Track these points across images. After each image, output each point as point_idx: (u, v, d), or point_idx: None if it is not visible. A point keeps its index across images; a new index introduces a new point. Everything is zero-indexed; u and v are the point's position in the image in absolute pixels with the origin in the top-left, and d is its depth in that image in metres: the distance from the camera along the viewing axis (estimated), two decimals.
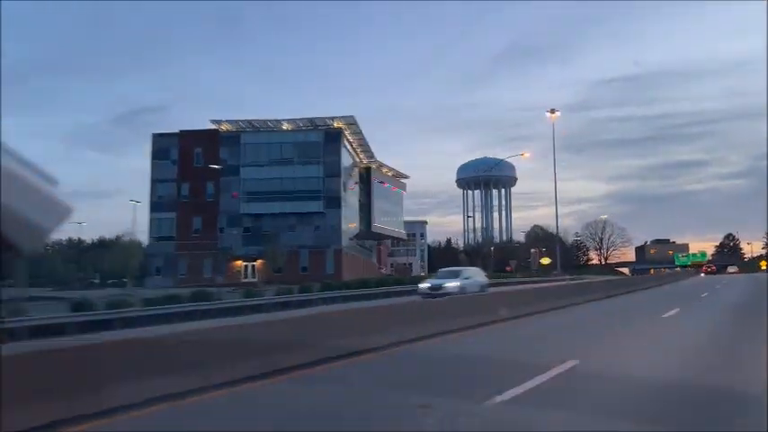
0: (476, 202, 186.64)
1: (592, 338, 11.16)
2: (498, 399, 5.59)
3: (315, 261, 60.05)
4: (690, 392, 6.19)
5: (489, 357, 8.80)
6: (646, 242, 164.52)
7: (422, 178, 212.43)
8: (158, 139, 63.06)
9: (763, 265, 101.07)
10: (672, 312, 15.89)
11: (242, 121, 62.40)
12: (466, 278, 24.82)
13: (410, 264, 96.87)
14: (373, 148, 71.72)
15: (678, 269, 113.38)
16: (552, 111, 65.49)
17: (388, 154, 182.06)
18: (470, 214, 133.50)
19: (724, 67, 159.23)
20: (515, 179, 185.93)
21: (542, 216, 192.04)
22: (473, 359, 8.66)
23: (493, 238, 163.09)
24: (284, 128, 62.49)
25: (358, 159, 72.35)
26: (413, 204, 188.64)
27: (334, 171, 61.46)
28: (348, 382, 7.28)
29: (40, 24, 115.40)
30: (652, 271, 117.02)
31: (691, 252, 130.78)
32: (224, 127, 62.81)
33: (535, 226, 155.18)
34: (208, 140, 62.16)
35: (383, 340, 9.43)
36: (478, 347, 10.28)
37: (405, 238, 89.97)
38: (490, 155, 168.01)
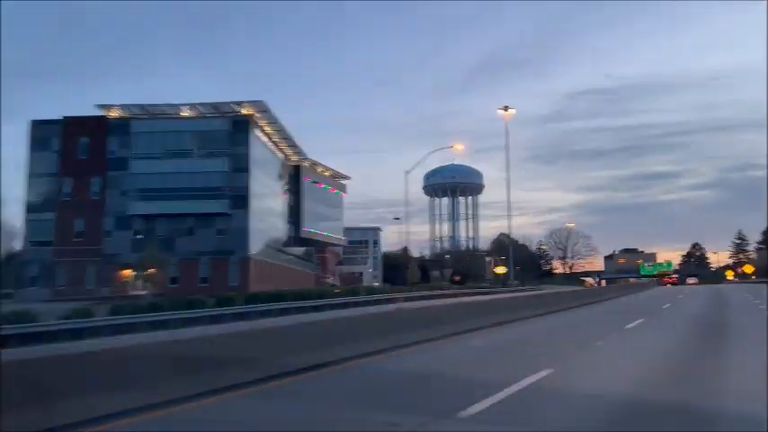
0: (442, 210, 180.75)
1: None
2: (464, 414, 5.70)
3: (217, 270, 51.23)
4: (646, 408, 6.32)
5: (445, 372, 8.84)
6: (614, 251, 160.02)
7: (395, 187, 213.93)
8: (38, 126, 53.72)
9: (729, 274, 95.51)
10: (632, 325, 15.82)
11: (134, 105, 53.47)
12: None
13: (360, 273, 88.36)
14: (346, 157, 63.50)
15: (643, 279, 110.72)
16: (506, 108, 58.68)
17: (358, 161, 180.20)
18: (398, 216, 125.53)
19: (694, 81, 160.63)
20: (482, 186, 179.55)
21: (515, 225, 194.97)
22: (430, 375, 8.69)
23: (459, 246, 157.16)
24: (184, 115, 53.70)
25: (281, 155, 63.85)
26: (388, 213, 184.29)
27: (241, 165, 52.80)
28: (308, 399, 7.12)
29: (13, 26, 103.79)
30: (623, 281, 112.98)
31: (657, 262, 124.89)
32: (113, 113, 53.77)
33: (501, 234, 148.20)
34: (95, 129, 53.11)
35: (340, 354, 9.31)
36: (434, 362, 10.15)
37: (345, 244, 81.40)
38: (460, 163, 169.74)
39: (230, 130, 52.92)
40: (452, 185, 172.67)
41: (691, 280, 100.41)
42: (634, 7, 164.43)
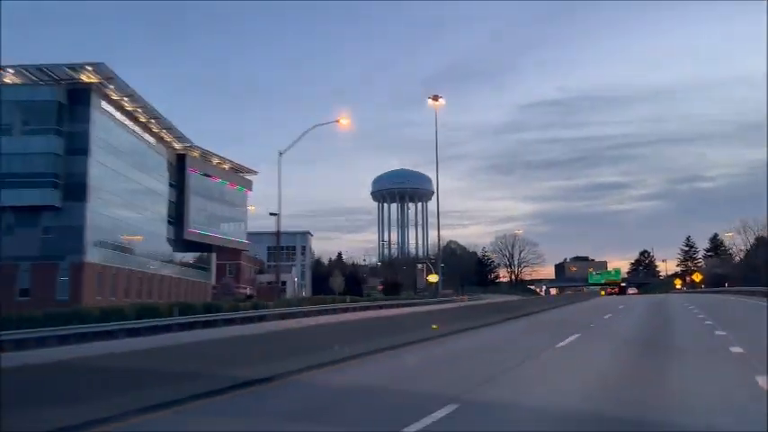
0: (391, 217, 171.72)
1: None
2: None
3: (41, 280, 39.83)
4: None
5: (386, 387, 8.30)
6: (565, 259, 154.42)
7: (352, 195, 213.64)
8: None
9: (677, 283, 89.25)
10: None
11: None
12: None
13: (283, 283, 76.95)
14: (304, 165, 53.00)
15: (592, 287, 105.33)
16: (435, 98, 50.33)
17: (316, 169, 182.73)
18: (275, 212, 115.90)
19: (644, 95, 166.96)
20: (432, 192, 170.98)
21: (471, 234, 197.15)
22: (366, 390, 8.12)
23: (407, 254, 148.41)
24: (4, 81, 42.09)
25: (153, 139, 52.73)
26: (345, 222, 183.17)
27: (79, 146, 41.60)
28: (246, 415, 6.68)
29: None
30: (571, 290, 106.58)
31: (606, 270, 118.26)
32: None
33: (450, 242, 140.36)
34: None
35: (274, 370, 8.59)
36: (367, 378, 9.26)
37: (244, 248, 70.32)
38: (413, 170, 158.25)
39: (64, 102, 41.67)
40: (401, 191, 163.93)
41: (631, 290, 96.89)
42: (586, 22, 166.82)
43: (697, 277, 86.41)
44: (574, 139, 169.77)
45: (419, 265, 69.37)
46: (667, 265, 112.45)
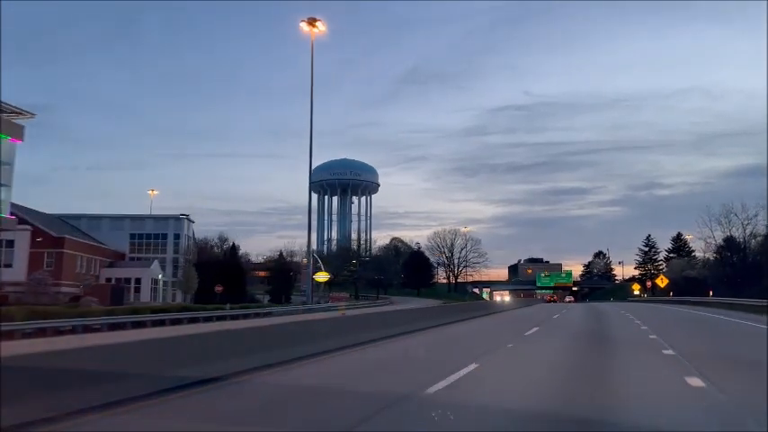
0: (333, 211, 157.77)
1: None
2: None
3: None
4: None
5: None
6: (519, 261, 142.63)
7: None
8: None
9: (635, 288, 77.09)
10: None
11: None
12: None
13: (137, 280, 60.22)
14: (266, 160, 51.70)
15: (536, 294, 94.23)
16: (311, 22, 38.40)
17: (278, 166, 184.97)
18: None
19: (605, 103, 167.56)
20: (377, 185, 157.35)
21: (434, 236, 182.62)
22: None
23: (350, 250, 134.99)
24: None
25: None
26: (286, 219, 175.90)
27: None
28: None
29: None
30: (512, 296, 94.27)
31: (555, 272, 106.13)
32: None
33: (394, 239, 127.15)
34: None
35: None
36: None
37: (8, 227, 51.78)
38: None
39: None
40: (343, 183, 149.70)
41: (568, 298, 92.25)
42: (551, 28, 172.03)
43: (662, 282, 69.08)
44: (537, 144, 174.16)
45: (303, 260, 54.48)
46: (624, 269, 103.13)
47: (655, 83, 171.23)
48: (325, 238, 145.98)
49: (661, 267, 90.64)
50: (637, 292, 76.21)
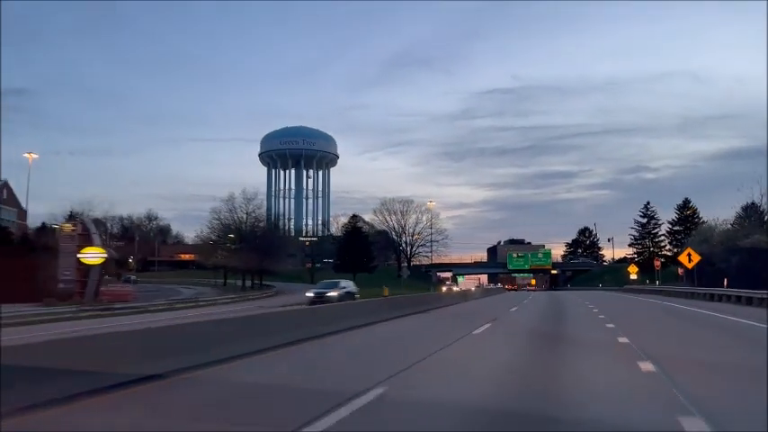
0: (289, 185, 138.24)
1: None
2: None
3: None
4: None
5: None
6: (498, 242, 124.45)
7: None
8: None
9: (632, 270, 58.17)
10: None
11: None
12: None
13: None
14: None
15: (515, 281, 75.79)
16: None
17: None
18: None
19: (592, 86, 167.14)
20: (336, 156, 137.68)
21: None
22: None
23: (304, 231, 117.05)
24: None
25: None
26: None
27: None
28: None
29: None
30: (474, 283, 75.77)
31: (533, 252, 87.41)
32: None
33: (354, 216, 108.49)
34: None
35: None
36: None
37: None
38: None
39: None
40: (295, 153, 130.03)
41: (529, 286, 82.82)
42: (539, 10, 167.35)
43: (688, 258, 34.62)
44: (525, 128, 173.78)
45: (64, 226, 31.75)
46: (615, 249, 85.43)
47: (642, 66, 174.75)
48: (292, 217, 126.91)
49: (663, 244, 72.00)
50: (634, 276, 57.36)
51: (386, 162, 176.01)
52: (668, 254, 71.08)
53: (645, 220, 73.47)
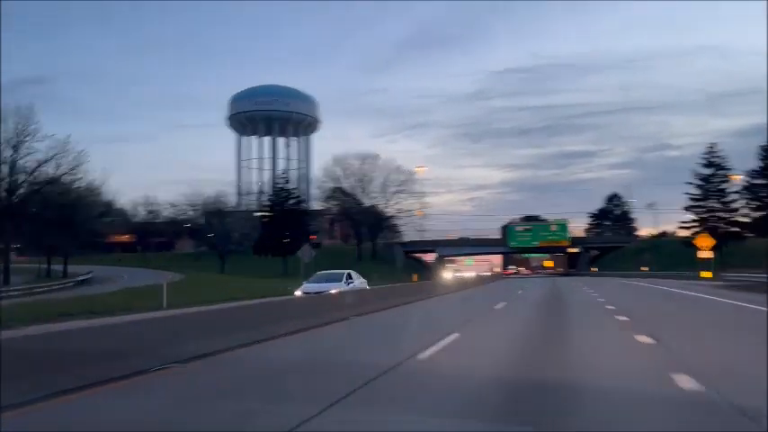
0: (263, 153, 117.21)
1: None
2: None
3: None
4: None
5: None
6: (513, 219, 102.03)
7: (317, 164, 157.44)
8: None
9: (703, 244, 34.43)
10: None
11: None
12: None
13: None
14: None
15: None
16: None
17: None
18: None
19: (613, 63, 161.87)
20: (317, 120, 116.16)
21: (444, 203, 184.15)
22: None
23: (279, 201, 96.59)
24: None
25: None
26: None
27: None
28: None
29: None
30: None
31: (542, 222, 65.09)
32: None
33: (337, 189, 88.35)
34: None
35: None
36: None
37: None
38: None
39: None
40: (267, 116, 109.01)
41: (510, 269, 73.12)
42: None
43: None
44: (543, 107, 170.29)
45: None
46: (659, 218, 63.06)
47: (663, 42, 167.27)
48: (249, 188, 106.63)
49: (737, 209, 48.63)
50: (706, 254, 34.08)
51: (404, 144, 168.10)
52: (745, 220, 47.88)
53: (710, 171, 49.86)
